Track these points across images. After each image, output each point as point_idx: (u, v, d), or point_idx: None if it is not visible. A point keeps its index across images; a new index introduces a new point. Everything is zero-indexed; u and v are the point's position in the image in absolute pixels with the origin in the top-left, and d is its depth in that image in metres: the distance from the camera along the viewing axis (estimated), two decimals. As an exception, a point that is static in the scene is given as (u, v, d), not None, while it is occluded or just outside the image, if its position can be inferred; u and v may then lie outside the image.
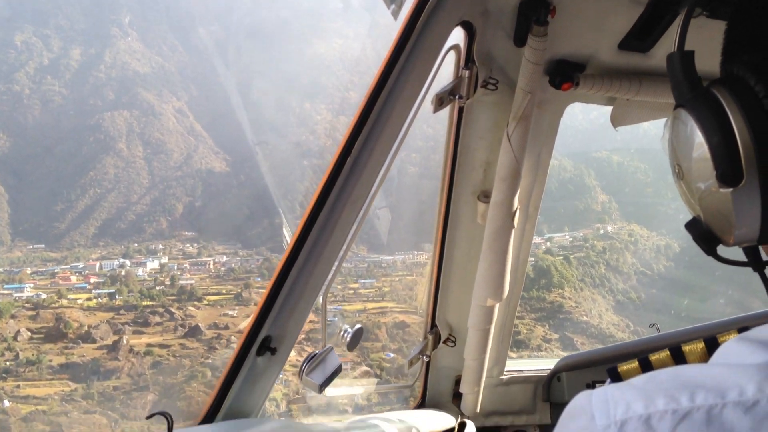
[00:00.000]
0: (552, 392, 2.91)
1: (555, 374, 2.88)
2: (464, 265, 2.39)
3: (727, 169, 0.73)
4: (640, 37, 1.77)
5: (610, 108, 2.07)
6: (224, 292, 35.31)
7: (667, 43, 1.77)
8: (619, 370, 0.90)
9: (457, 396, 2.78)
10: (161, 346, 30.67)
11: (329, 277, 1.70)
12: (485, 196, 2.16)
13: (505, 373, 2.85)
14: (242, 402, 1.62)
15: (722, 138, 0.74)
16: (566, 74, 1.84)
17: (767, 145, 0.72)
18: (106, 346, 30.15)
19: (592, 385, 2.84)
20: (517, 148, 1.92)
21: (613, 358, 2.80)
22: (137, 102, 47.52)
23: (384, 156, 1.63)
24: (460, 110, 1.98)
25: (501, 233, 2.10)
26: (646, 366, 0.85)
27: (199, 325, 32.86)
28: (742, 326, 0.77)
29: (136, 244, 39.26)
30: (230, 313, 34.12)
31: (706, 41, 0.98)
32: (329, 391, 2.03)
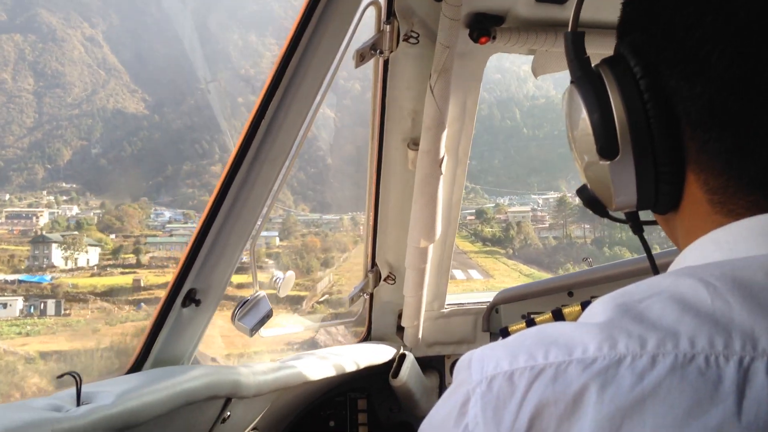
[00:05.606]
0: (491, 323, 3.08)
1: (493, 306, 3.05)
2: (400, 207, 2.48)
3: (605, 144, 0.80)
4: None
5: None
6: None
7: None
8: (509, 330, 0.98)
9: (401, 329, 2.94)
10: None
11: (254, 230, 1.78)
12: (414, 143, 2.23)
13: (445, 306, 3.01)
14: (170, 351, 1.72)
15: (601, 115, 0.80)
16: (484, 28, 1.89)
17: (638, 122, 0.77)
18: None
19: (527, 317, 3.01)
20: (440, 99, 1.98)
21: (545, 291, 2.96)
22: (35, 25, 40.96)
23: (303, 114, 1.68)
24: (386, 62, 2.02)
25: (430, 180, 2.19)
26: (532, 327, 0.93)
27: None
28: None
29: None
30: None
31: None
32: (269, 331, 2.15)
